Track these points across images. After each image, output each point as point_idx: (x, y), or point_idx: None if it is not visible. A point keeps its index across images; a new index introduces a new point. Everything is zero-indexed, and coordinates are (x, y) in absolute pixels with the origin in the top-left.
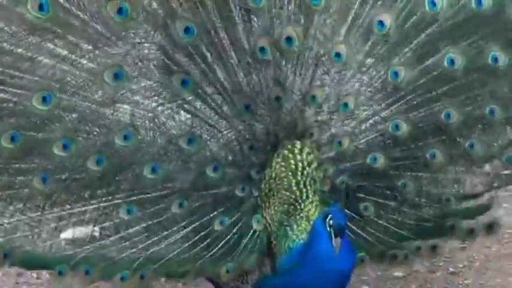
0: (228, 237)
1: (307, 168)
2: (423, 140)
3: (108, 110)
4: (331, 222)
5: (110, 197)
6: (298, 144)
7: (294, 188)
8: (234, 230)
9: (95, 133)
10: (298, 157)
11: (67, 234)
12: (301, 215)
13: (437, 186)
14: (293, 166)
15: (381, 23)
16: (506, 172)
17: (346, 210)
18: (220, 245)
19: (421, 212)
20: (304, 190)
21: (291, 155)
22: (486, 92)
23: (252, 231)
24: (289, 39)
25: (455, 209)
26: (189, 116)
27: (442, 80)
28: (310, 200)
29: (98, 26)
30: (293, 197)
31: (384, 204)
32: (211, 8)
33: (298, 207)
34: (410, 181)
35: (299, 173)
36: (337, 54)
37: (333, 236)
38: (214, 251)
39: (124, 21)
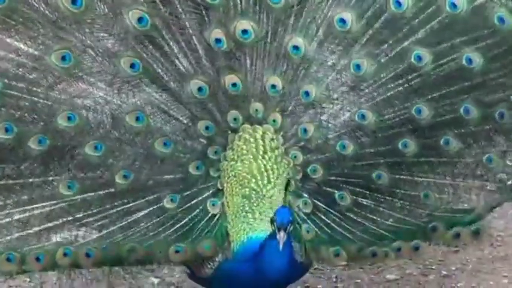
0: (182, 218)
1: (269, 153)
2: (391, 130)
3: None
4: (275, 218)
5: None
6: (259, 129)
7: (255, 172)
8: (188, 212)
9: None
10: (260, 142)
11: None
12: (263, 201)
13: (415, 187)
14: (254, 150)
15: (343, 20)
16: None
17: (319, 199)
18: (173, 226)
19: (398, 213)
20: (266, 174)
21: (252, 139)
22: (456, 90)
23: (209, 215)
24: (245, 32)
25: (438, 216)
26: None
27: (411, 74)
28: (273, 184)
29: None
30: (253, 180)
31: (361, 194)
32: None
33: (260, 191)
34: (384, 172)
35: (260, 157)
36: (295, 47)
37: (276, 231)
38: (167, 232)
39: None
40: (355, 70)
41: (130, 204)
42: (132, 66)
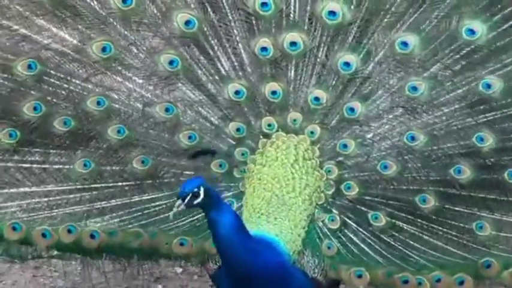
0: (195, 214)
1: (300, 162)
2: (444, 153)
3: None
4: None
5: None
6: (294, 138)
7: (281, 178)
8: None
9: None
10: (293, 150)
11: None
12: (282, 207)
13: (468, 220)
14: (284, 157)
15: (405, 43)
16: None
17: (350, 216)
18: (185, 220)
19: (445, 244)
20: (292, 183)
21: (284, 147)
22: None
23: None
24: (293, 44)
25: (495, 253)
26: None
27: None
28: (297, 193)
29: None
30: (277, 186)
31: (400, 218)
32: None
33: (281, 198)
34: (431, 198)
35: (289, 165)
36: (346, 64)
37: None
38: (178, 225)
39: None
40: (410, 92)
41: (146, 193)
42: (171, 63)
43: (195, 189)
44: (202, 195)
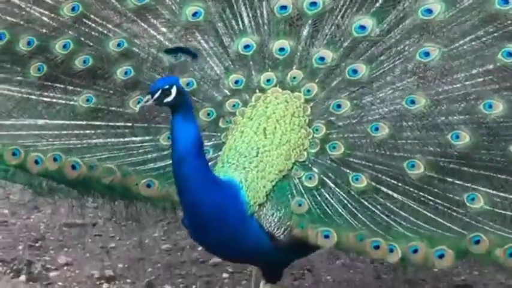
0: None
1: (288, 117)
2: (443, 119)
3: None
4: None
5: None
6: (288, 94)
7: (261, 131)
8: None
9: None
10: (283, 106)
11: None
12: (254, 158)
13: (460, 191)
14: (271, 112)
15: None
16: None
17: (330, 176)
18: (157, 163)
19: (431, 213)
20: (271, 137)
21: (276, 102)
22: None
23: None
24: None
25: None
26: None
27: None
28: (274, 147)
29: None
30: (256, 139)
31: (384, 183)
32: None
33: (255, 149)
34: (421, 163)
35: (275, 120)
36: (362, 27)
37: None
38: (152, 167)
39: None
40: (421, 57)
41: (129, 127)
42: (194, 14)
43: (167, 86)
44: (173, 94)
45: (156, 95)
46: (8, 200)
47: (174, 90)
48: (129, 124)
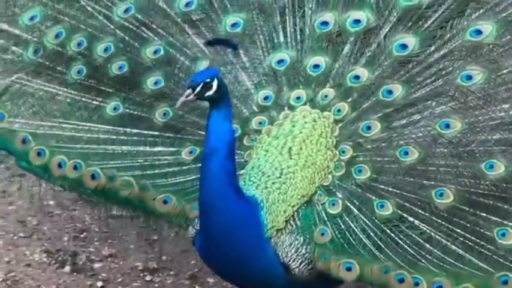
0: (190, 175)
1: (315, 139)
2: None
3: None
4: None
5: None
6: (317, 113)
7: (286, 151)
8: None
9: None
10: (310, 126)
11: None
12: (277, 179)
13: (490, 226)
14: (298, 131)
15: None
16: None
17: (354, 202)
18: (177, 178)
19: (459, 248)
20: (296, 158)
21: (303, 121)
22: None
23: None
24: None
25: None
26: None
27: None
28: (298, 169)
29: None
30: (280, 159)
31: (410, 212)
32: None
33: (279, 170)
34: (450, 192)
35: (301, 140)
36: (403, 46)
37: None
38: (171, 182)
39: None
40: (463, 80)
41: (155, 136)
42: (233, 25)
43: (208, 80)
44: (215, 88)
45: (198, 89)
46: (54, 192)
47: (215, 84)
48: (156, 133)
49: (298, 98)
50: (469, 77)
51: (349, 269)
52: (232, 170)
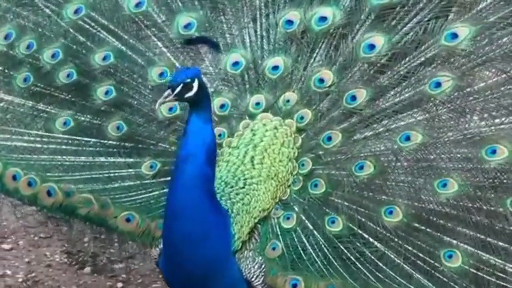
0: (151, 190)
1: (277, 149)
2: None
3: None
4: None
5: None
6: (279, 120)
7: (248, 161)
8: (160, 186)
9: None
10: (272, 134)
11: None
12: (240, 190)
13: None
14: (259, 140)
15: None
16: None
17: (310, 216)
18: (139, 194)
19: (411, 268)
20: (258, 168)
21: (264, 130)
22: None
23: None
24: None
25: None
26: None
27: None
28: (262, 181)
29: None
30: (242, 169)
31: (363, 227)
32: None
33: (242, 180)
34: (400, 210)
35: (263, 149)
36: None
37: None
38: (132, 199)
39: None
40: (431, 88)
41: (112, 146)
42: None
43: (188, 80)
44: (195, 89)
45: (178, 90)
46: None
47: (196, 84)
48: (114, 143)
49: (257, 104)
50: (438, 85)
51: (294, 286)
52: (211, 177)
